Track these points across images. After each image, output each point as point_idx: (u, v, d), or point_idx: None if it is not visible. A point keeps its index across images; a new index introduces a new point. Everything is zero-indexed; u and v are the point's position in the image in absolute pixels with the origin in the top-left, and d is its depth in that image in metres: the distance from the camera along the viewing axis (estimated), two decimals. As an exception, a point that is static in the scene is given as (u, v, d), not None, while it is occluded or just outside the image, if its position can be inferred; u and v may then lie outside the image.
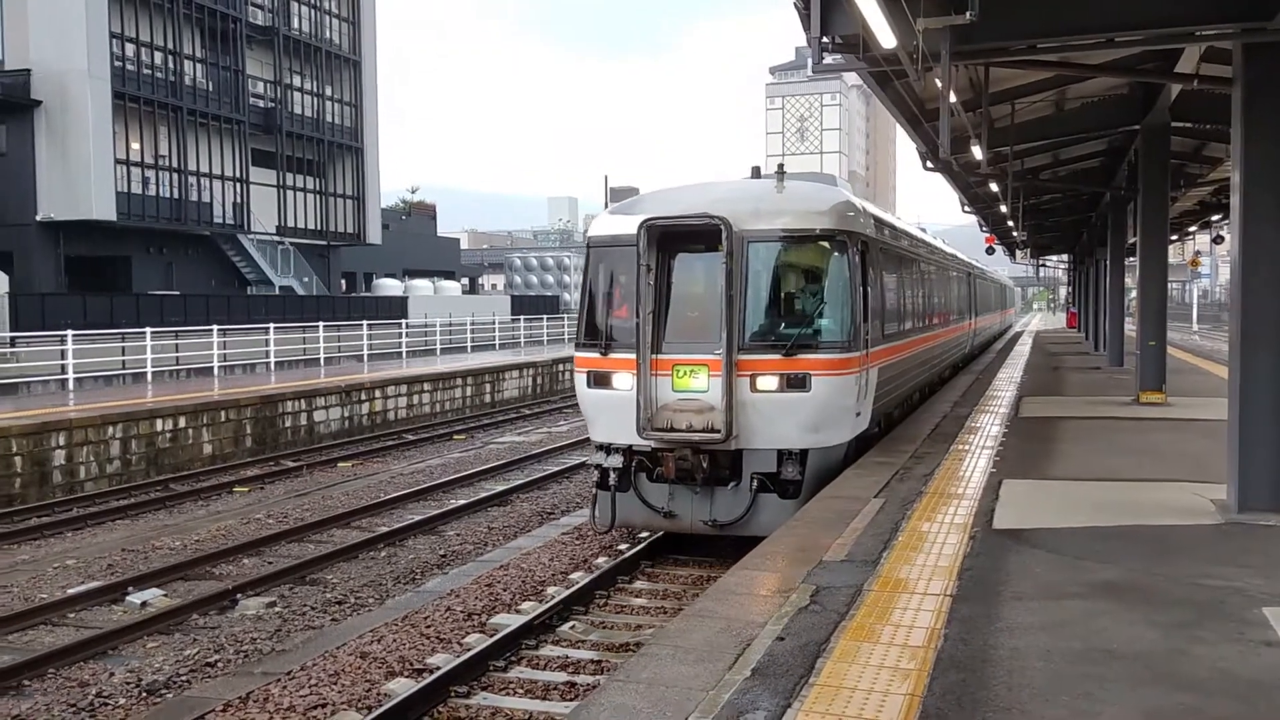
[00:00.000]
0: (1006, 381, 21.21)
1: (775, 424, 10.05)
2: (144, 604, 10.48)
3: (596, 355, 10.76)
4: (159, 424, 18.73)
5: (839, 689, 4.82)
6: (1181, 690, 4.69)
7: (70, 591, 10.88)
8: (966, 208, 26.25)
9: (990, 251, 35.14)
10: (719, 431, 9.91)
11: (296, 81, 46.63)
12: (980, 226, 33.57)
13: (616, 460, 10.59)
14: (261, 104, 44.80)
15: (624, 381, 10.35)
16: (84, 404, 19.57)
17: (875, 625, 5.74)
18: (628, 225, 10.46)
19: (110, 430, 17.72)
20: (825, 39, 8.41)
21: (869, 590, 6.41)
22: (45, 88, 35.83)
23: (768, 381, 10.01)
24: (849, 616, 5.90)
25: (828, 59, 8.70)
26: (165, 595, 10.80)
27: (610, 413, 10.50)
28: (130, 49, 37.75)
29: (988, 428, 13.83)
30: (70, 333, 24.46)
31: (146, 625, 9.67)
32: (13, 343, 27.22)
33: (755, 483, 10.14)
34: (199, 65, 41.34)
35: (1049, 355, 30.77)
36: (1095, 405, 16.44)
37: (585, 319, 11.11)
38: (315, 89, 47.65)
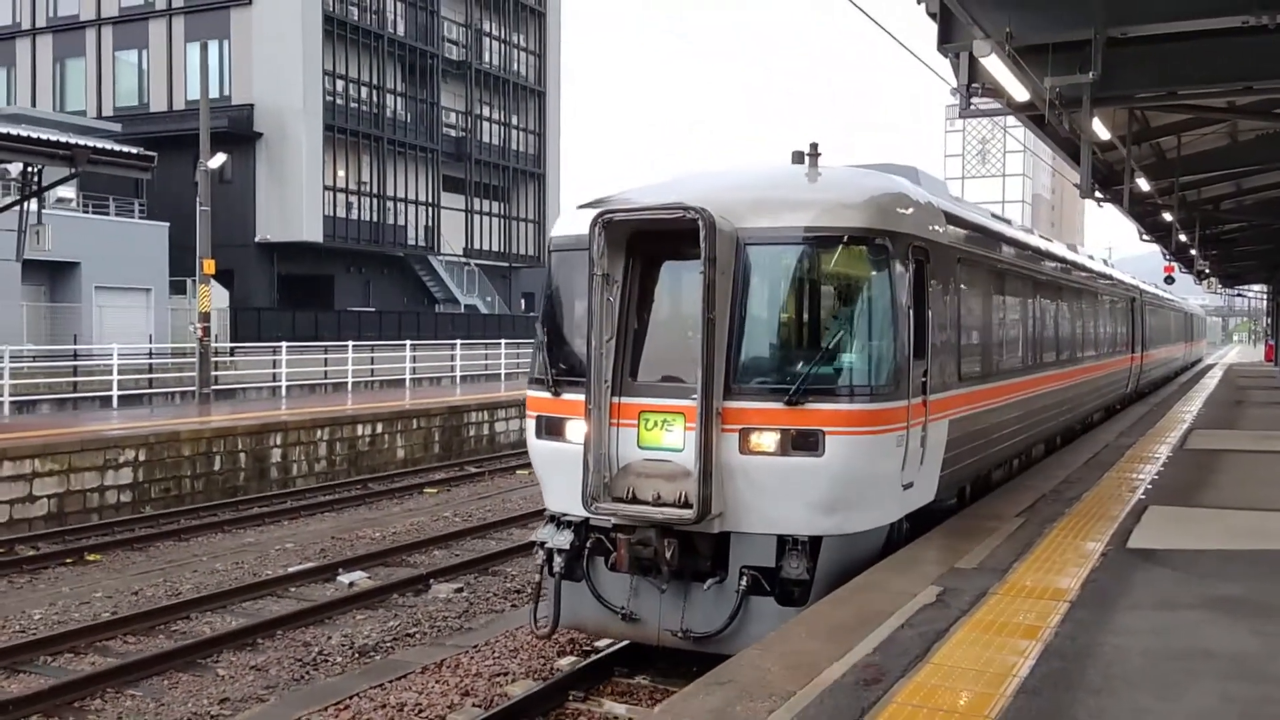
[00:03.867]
0: (1181, 414, 20.80)
1: (774, 499, 7.39)
2: (351, 584, 11.93)
3: (547, 395, 8.08)
4: (359, 429, 20.67)
5: (949, 667, 5.52)
6: (1264, 684, 5.19)
7: (290, 570, 12.48)
8: (1145, 236, 25.75)
9: (1170, 281, 33.98)
10: (691, 507, 7.21)
11: (485, 112, 49.42)
12: (1164, 255, 32.59)
13: (563, 538, 7.87)
14: (453, 133, 47.70)
15: (579, 432, 7.69)
16: (294, 409, 21.75)
17: (993, 621, 6.37)
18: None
19: (318, 433, 19.72)
20: (975, 84, 9.04)
21: (993, 594, 7.01)
22: (265, 121, 39.42)
23: (764, 439, 7.33)
24: (970, 613, 6.54)
25: (976, 103, 9.31)
26: (369, 577, 12.24)
27: (563, 473, 7.79)
28: (340, 85, 41.09)
29: (1148, 457, 13.90)
30: (284, 344, 27.01)
31: (355, 601, 11.09)
32: (232, 352, 30.21)
33: (745, 580, 7.41)
34: (398, 99, 44.50)
35: (1235, 389, 29.61)
36: (1268, 440, 16.11)
37: (539, 348, 8.37)
38: (502, 119, 50.37)
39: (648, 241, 7.80)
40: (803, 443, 7.30)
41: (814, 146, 8.80)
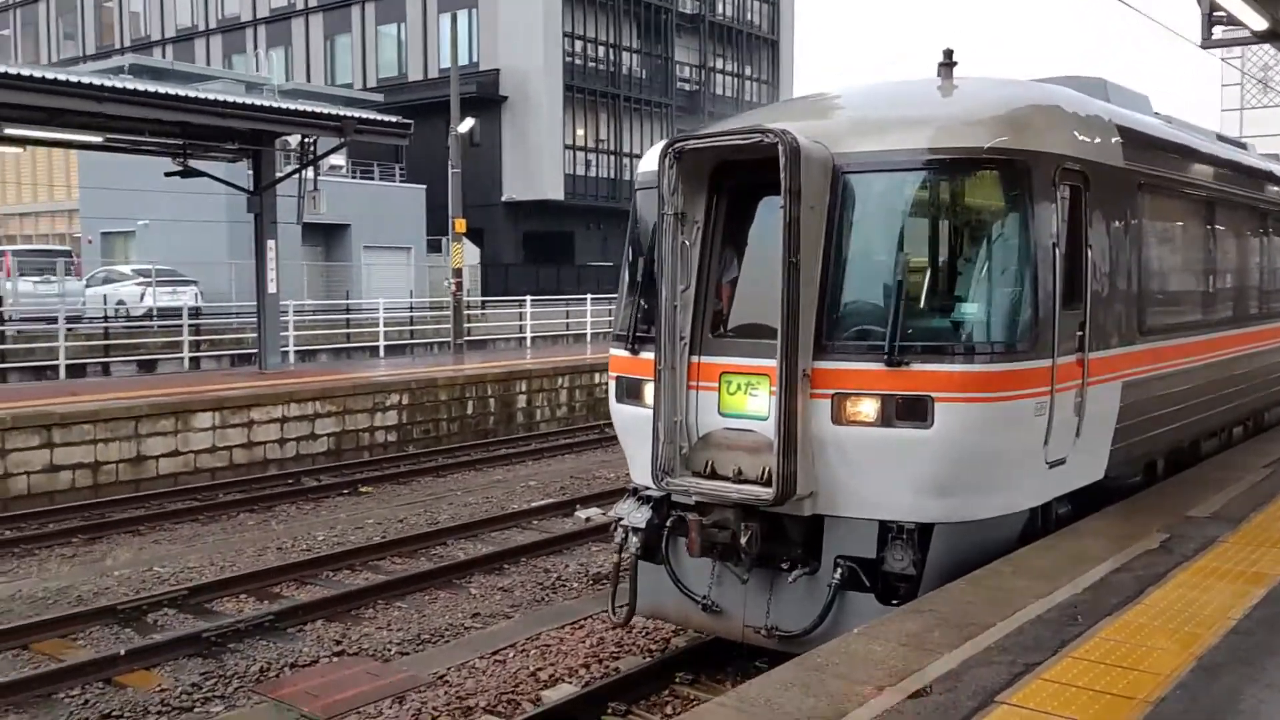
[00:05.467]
0: None
1: (874, 479, 6.29)
2: (588, 518, 12.79)
3: (627, 354, 7.23)
4: (597, 377, 21.69)
5: (1161, 609, 5.50)
6: None
7: (533, 504, 13.50)
8: None
9: None
10: (770, 486, 6.20)
11: (719, 64, 49.67)
12: None
13: (640, 515, 7.01)
14: (687, 87, 48.26)
15: None
16: (538, 358, 23.08)
17: (1217, 568, 6.23)
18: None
19: (560, 381, 20.92)
20: (1219, 13, 8.54)
21: (1223, 541, 6.81)
22: (510, 85, 41.35)
23: (861, 407, 6.22)
24: (1194, 559, 6.41)
25: (1218, 32, 8.78)
26: (603, 513, 13.04)
27: (643, 442, 6.81)
28: (578, 45, 42.49)
29: None
30: (528, 298, 28.58)
31: (590, 534, 11.89)
32: (483, 306, 32.22)
33: (840, 572, 6.36)
34: (633, 55, 45.49)
35: None
36: None
37: (622, 300, 7.60)
38: (735, 70, 50.47)
39: (735, 175, 6.74)
40: (907, 411, 6.14)
41: (948, 54, 7.31)
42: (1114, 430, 7.45)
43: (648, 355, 6.83)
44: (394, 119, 19.95)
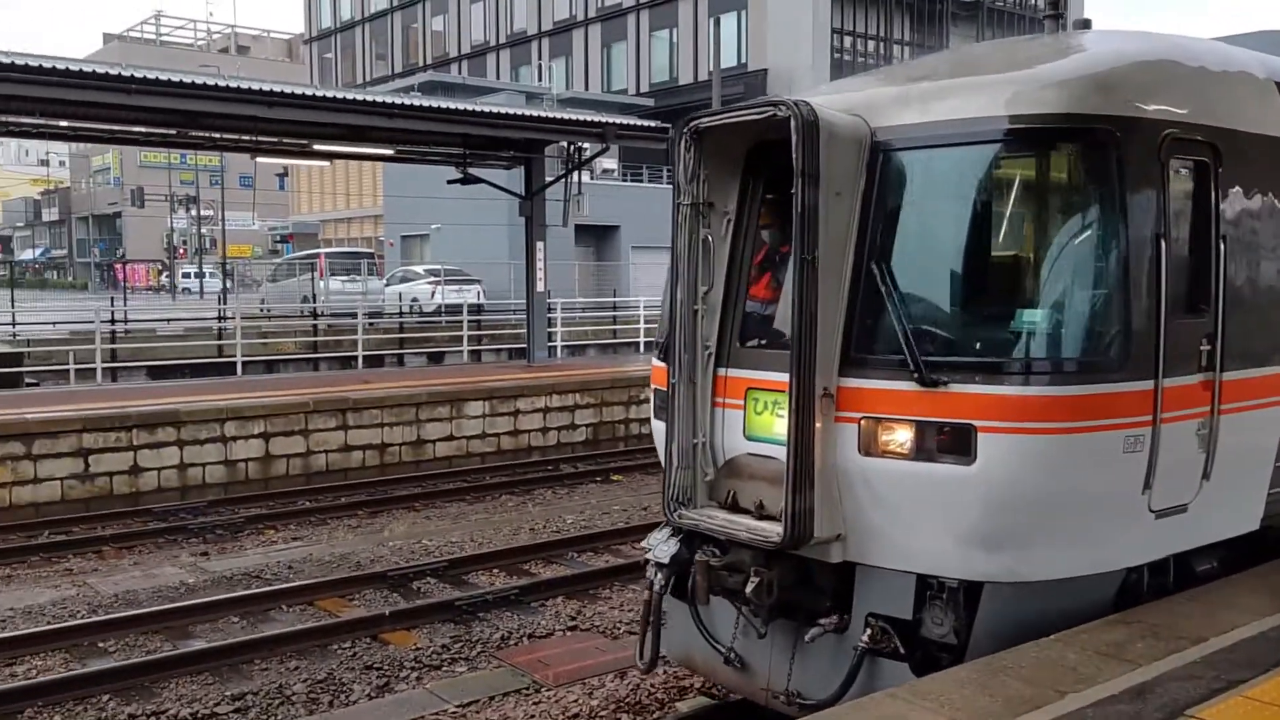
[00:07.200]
0: None
1: (909, 523, 5.14)
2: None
3: (661, 365, 6.20)
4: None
5: None
6: None
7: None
8: None
9: None
10: (780, 523, 5.15)
11: (998, 52, 47.69)
12: None
13: (666, 549, 5.84)
14: (963, 77, 46.68)
15: None
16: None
17: None
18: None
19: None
20: None
21: None
22: (777, 85, 41.51)
23: (892, 436, 5.08)
24: None
25: None
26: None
27: None
28: (847, 41, 42.11)
29: None
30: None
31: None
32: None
33: (870, 633, 5.23)
34: (906, 48, 44.48)
35: None
36: None
37: (665, 303, 6.33)
38: (1017, 57, 48.26)
39: (774, 157, 5.53)
40: (946, 443, 4.93)
41: (1056, 2, 5.99)
42: (1274, 469, 5.94)
43: None
44: (652, 124, 20.70)
